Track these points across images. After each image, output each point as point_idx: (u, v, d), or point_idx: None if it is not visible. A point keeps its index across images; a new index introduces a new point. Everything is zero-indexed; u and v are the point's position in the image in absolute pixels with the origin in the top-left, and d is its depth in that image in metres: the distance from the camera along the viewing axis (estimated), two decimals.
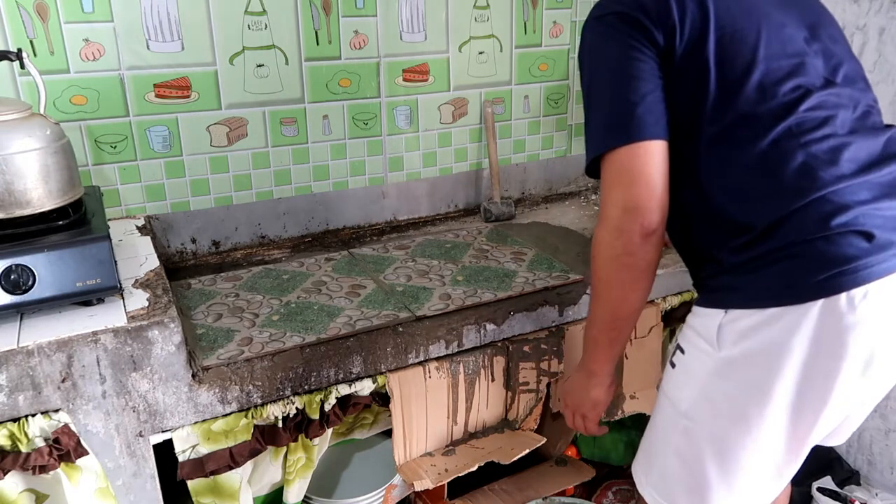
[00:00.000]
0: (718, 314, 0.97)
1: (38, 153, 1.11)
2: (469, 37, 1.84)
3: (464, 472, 1.38)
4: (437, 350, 1.36)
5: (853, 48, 1.37)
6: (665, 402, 1.08)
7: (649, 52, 0.98)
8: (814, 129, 0.94)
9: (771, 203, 0.93)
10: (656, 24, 0.97)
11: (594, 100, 1.04)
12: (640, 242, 0.98)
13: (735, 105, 0.96)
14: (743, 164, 0.96)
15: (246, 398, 1.20)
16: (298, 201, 1.77)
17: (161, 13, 1.48)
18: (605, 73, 1.02)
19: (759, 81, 0.96)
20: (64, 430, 1.06)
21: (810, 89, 0.97)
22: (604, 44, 1.02)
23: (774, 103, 0.95)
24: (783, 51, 0.98)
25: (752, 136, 0.95)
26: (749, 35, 0.98)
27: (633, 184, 0.97)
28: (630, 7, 0.99)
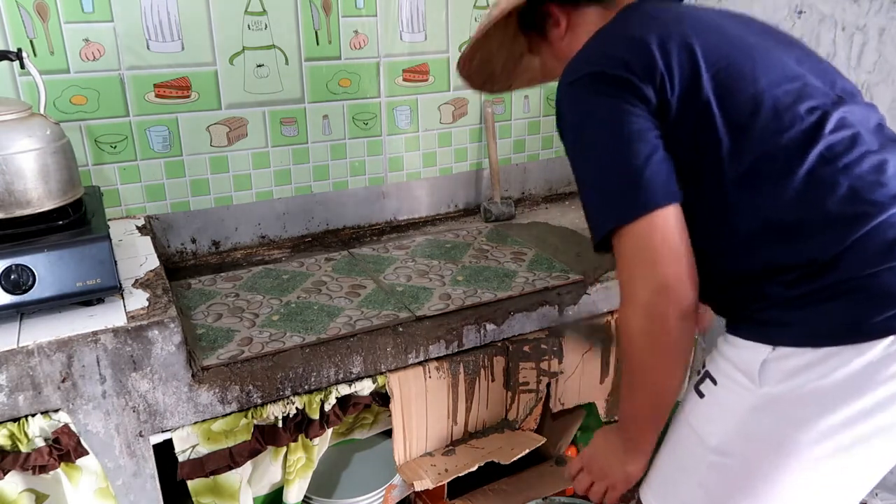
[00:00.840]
0: (763, 349, 0.88)
1: (38, 153, 1.11)
2: (469, 37, 1.84)
3: (464, 472, 1.38)
4: (437, 350, 1.36)
5: (853, 48, 1.37)
6: (689, 432, 0.99)
7: (641, 109, 0.89)
8: (847, 150, 0.86)
9: (824, 237, 0.84)
10: (642, 78, 0.89)
11: (590, 172, 0.94)
12: (677, 324, 0.89)
13: (752, 142, 0.88)
14: (781, 201, 0.86)
15: (246, 398, 1.20)
16: (298, 201, 1.77)
17: (161, 13, 1.48)
18: (598, 141, 0.92)
19: (772, 112, 0.88)
20: (64, 430, 1.06)
21: (826, 110, 0.89)
22: (589, 109, 0.93)
23: (795, 132, 0.87)
24: (783, 75, 0.91)
25: (782, 170, 0.87)
26: (744, 66, 0.91)
27: (659, 261, 0.87)
28: (610, 65, 0.91)
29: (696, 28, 0.94)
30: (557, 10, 1.07)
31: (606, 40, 0.97)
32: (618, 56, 0.91)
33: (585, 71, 0.93)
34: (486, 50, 1.20)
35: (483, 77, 1.28)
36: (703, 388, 0.97)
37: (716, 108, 0.89)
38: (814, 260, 0.84)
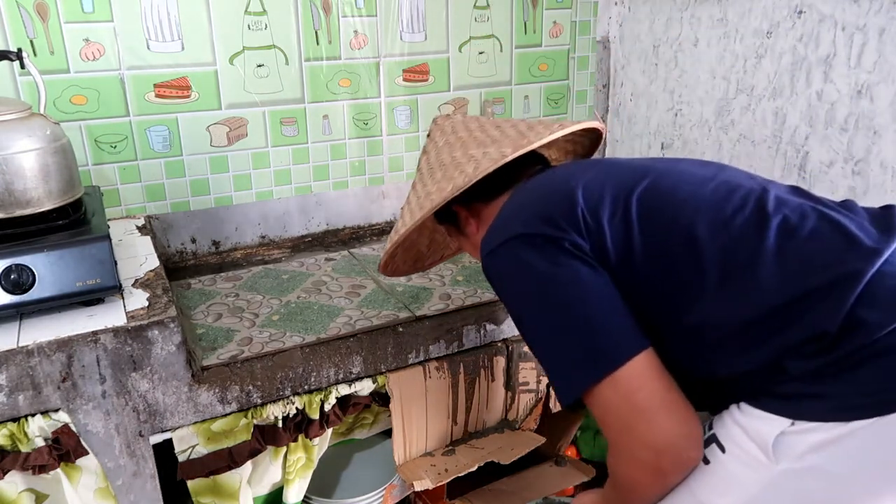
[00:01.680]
0: (781, 422, 0.79)
1: (37, 153, 1.11)
2: (469, 37, 1.84)
3: (464, 472, 1.37)
4: (437, 350, 1.36)
5: (853, 48, 1.37)
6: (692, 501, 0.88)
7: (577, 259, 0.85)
8: (801, 220, 0.82)
9: (826, 304, 0.77)
10: (565, 227, 0.86)
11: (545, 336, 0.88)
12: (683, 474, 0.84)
13: (705, 248, 0.83)
14: (763, 290, 0.80)
15: (246, 398, 1.20)
16: (298, 201, 1.77)
17: (161, 13, 1.48)
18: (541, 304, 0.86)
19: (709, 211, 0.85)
20: (64, 430, 1.06)
21: (759, 194, 0.86)
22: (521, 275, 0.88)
23: (741, 220, 0.83)
24: (702, 179, 0.89)
25: (749, 260, 0.81)
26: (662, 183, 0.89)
27: (648, 418, 0.80)
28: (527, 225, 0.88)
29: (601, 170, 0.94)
30: (465, 211, 1.11)
31: (515, 208, 0.96)
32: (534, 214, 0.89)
33: (506, 237, 0.90)
34: (406, 241, 1.20)
35: (411, 261, 1.31)
36: (707, 454, 0.86)
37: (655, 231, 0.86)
38: (825, 332, 0.77)
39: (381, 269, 1.26)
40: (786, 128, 1.54)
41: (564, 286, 0.84)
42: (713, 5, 1.66)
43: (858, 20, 1.35)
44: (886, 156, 1.35)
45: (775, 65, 1.54)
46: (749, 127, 1.63)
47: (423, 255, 1.34)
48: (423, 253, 1.33)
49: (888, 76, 1.32)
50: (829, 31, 1.41)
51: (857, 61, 1.37)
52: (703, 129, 1.76)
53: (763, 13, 1.54)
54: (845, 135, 1.42)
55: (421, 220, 1.07)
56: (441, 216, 1.16)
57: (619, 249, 0.86)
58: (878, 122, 1.35)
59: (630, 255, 0.86)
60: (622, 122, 2.04)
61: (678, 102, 1.82)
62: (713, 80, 1.70)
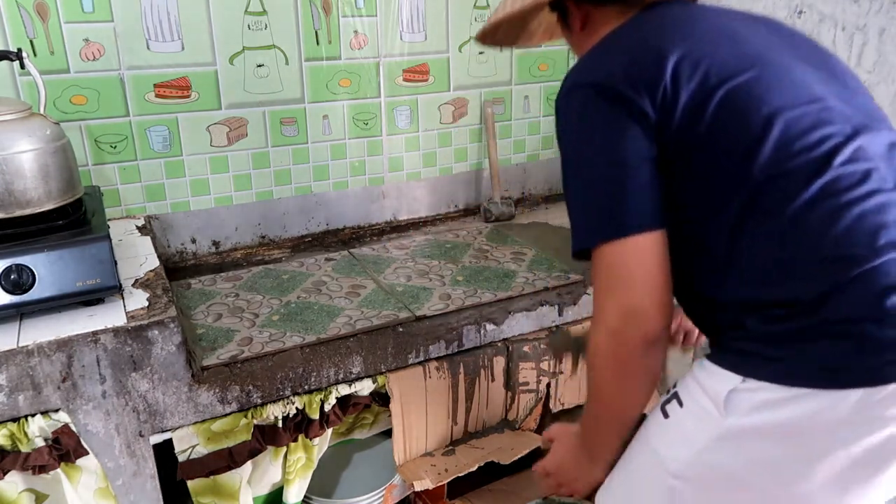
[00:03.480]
0: (734, 378, 0.84)
1: (37, 153, 1.11)
2: (469, 37, 1.84)
3: (464, 472, 1.37)
4: (437, 350, 1.36)
5: (853, 48, 1.37)
6: (650, 453, 0.95)
7: (638, 126, 0.85)
8: (855, 185, 0.80)
9: (812, 275, 0.80)
10: (643, 93, 0.84)
11: (578, 185, 0.91)
12: (643, 352, 0.87)
13: (756, 167, 0.82)
14: (775, 233, 0.82)
15: (246, 398, 1.20)
16: (298, 201, 1.77)
17: (161, 13, 1.48)
18: (590, 155, 0.88)
19: (781, 135, 0.82)
20: (64, 430, 1.06)
21: (842, 140, 0.82)
22: (585, 122, 0.89)
23: (802, 160, 0.81)
24: (801, 98, 0.85)
25: (781, 200, 0.81)
26: (758, 86, 0.84)
27: (631, 285, 0.85)
28: (611, 77, 0.87)
29: (712, 40, 0.89)
30: (574, 7, 1.05)
31: (613, 48, 0.93)
32: (621, 68, 0.87)
33: (587, 80, 0.89)
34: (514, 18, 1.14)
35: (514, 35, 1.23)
36: (668, 409, 0.93)
37: (721, 130, 0.84)
38: (797, 299, 0.80)
39: (480, 38, 1.18)
40: None
41: (614, 146, 0.86)
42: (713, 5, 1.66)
43: (858, 20, 1.35)
44: None
45: None
46: None
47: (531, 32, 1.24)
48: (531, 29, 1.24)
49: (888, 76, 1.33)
50: (829, 31, 1.41)
51: (857, 61, 1.37)
52: None
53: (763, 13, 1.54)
54: None
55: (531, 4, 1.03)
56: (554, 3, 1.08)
57: (680, 135, 0.85)
58: None
59: (687, 145, 0.86)
60: None
61: None
62: None
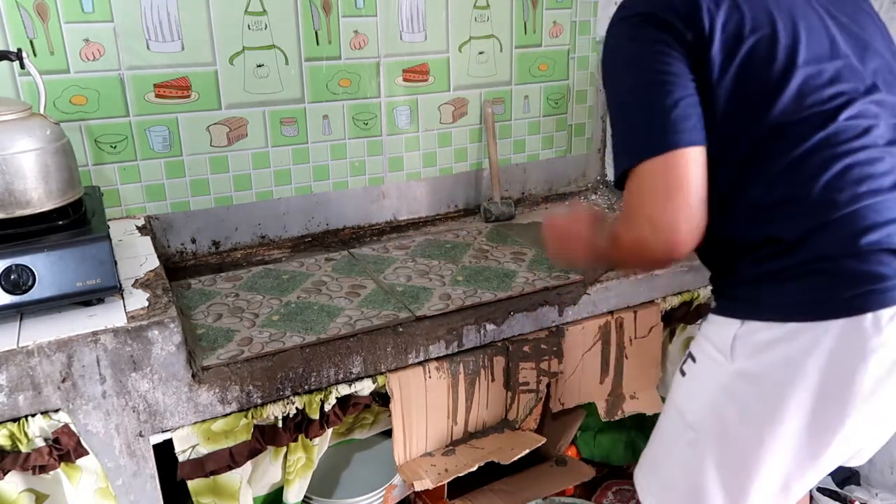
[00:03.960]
0: (734, 324, 0.92)
1: (38, 153, 1.11)
2: (469, 37, 1.84)
3: (464, 472, 1.38)
4: (437, 350, 1.36)
5: None
6: (672, 411, 1.04)
7: (679, 52, 0.91)
8: (853, 138, 0.88)
9: (799, 215, 0.88)
10: (686, 24, 0.91)
11: (622, 107, 0.97)
12: (661, 259, 0.93)
13: (771, 114, 0.90)
14: (774, 173, 0.90)
15: (246, 398, 1.20)
16: (298, 201, 1.77)
17: (161, 13, 1.48)
18: (633, 78, 0.95)
19: (799, 88, 0.90)
20: (64, 430, 1.06)
21: (853, 97, 0.90)
22: (630, 46, 0.96)
23: (813, 111, 0.89)
24: (824, 54, 0.92)
25: (787, 145, 0.89)
26: (787, 37, 0.91)
27: (669, 198, 0.89)
28: (657, 6, 0.93)
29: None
30: None
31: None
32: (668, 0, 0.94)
33: (634, 11, 0.96)
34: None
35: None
36: (685, 367, 1.02)
37: (745, 76, 0.90)
38: (781, 238, 0.88)
39: None
40: None
41: (658, 71, 0.91)
42: None
43: None
44: None
45: None
46: None
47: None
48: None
49: None
50: None
51: None
52: None
53: None
54: None
55: None
56: None
57: (711, 72, 0.91)
58: None
59: (716, 82, 0.91)
60: None
61: None
62: None
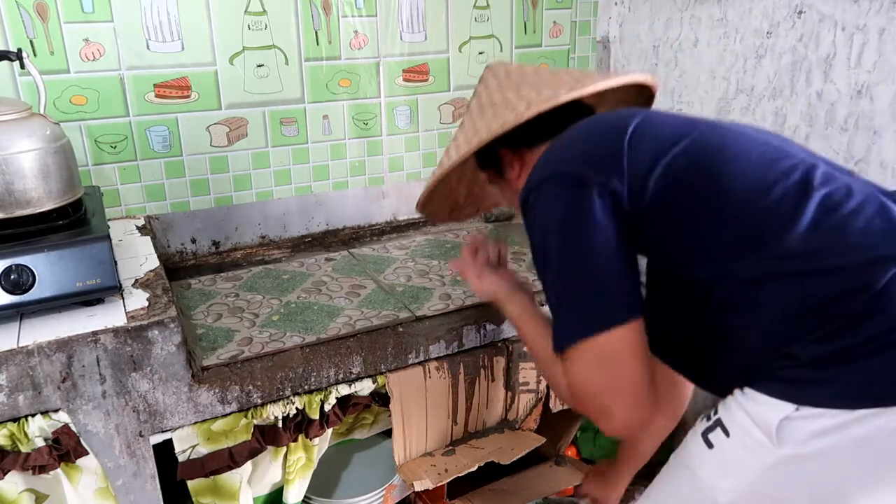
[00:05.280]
0: (786, 407, 0.79)
1: (37, 153, 1.11)
2: (469, 37, 1.84)
3: (464, 472, 1.37)
4: (437, 350, 1.36)
5: (853, 48, 1.37)
6: (697, 485, 0.90)
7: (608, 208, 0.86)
8: (846, 198, 0.80)
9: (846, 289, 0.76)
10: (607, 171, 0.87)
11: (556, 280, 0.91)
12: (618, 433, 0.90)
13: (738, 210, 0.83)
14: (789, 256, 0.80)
15: (246, 398, 1.20)
16: (298, 201, 1.77)
17: (161, 13, 1.48)
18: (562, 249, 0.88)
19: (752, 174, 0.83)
20: (64, 430, 1.06)
21: (808, 166, 0.84)
22: (553, 214, 0.90)
23: (782, 187, 0.82)
24: (754, 142, 0.88)
25: (782, 226, 0.80)
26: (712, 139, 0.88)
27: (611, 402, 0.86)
28: (571, 164, 0.89)
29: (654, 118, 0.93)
30: (510, 153, 1.09)
31: (565, 143, 0.96)
32: (578, 154, 0.90)
33: (546, 174, 0.91)
34: (445, 186, 1.21)
35: (447, 208, 1.30)
36: (712, 438, 0.88)
37: (692, 180, 0.85)
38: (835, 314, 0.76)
39: (419, 207, 1.23)
40: (786, 128, 1.54)
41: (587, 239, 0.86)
42: (713, 5, 1.66)
43: (858, 20, 1.35)
44: (886, 156, 1.35)
45: (775, 65, 1.54)
46: None
47: (459, 206, 1.31)
48: (459, 203, 1.30)
49: (888, 76, 1.32)
50: (829, 31, 1.41)
51: (857, 61, 1.37)
52: None
53: (763, 13, 1.54)
54: (845, 135, 1.42)
55: (467, 154, 1.04)
56: (484, 160, 1.14)
57: (655, 194, 0.86)
58: (878, 122, 1.35)
59: (663, 202, 0.86)
60: None
61: (678, 102, 1.82)
62: (713, 80, 1.70)
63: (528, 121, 1.00)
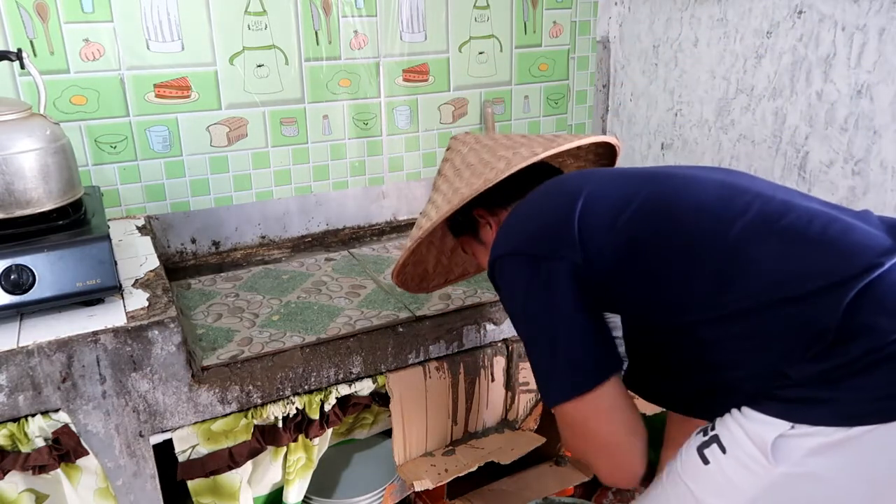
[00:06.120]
0: (781, 425, 0.79)
1: (37, 153, 1.11)
2: (469, 37, 1.84)
3: (464, 472, 1.37)
4: (437, 350, 1.36)
5: (853, 48, 1.37)
6: (689, 498, 0.89)
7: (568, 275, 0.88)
8: (807, 223, 0.82)
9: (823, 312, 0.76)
10: (561, 241, 0.89)
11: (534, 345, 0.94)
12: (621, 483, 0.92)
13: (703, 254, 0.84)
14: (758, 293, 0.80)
15: (246, 398, 1.20)
16: (298, 201, 1.77)
17: (161, 13, 1.48)
18: (533, 316, 0.92)
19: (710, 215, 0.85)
20: (64, 430, 1.06)
21: (766, 198, 0.86)
22: (515, 288, 0.94)
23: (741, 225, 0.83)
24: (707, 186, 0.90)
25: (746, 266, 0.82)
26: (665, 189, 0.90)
27: (597, 457, 0.90)
28: (525, 239, 0.93)
29: (605, 175, 0.96)
30: (486, 214, 1.12)
31: (521, 216, 0.99)
32: (533, 229, 0.94)
33: (504, 250, 0.95)
34: (416, 254, 1.24)
35: (417, 279, 1.33)
36: (708, 454, 0.87)
37: (652, 234, 0.87)
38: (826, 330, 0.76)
39: (394, 276, 1.25)
40: (786, 128, 1.54)
41: (543, 310, 0.90)
42: (713, 5, 1.66)
43: (858, 20, 1.35)
44: (886, 156, 1.35)
45: (775, 65, 1.54)
46: (749, 127, 1.63)
47: (428, 276, 1.34)
48: (428, 273, 1.34)
49: (888, 76, 1.32)
50: (829, 31, 1.41)
51: (857, 61, 1.37)
52: (702, 129, 1.76)
53: (763, 13, 1.54)
54: (845, 135, 1.42)
55: (447, 213, 1.07)
56: (458, 225, 1.17)
57: (616, 257, 0.88)
58: (878, 122, 1.35)
59: (627, 262, 0.88)
60: (622, 122, 2.04)
61: (678, 102, 1.82)
62: (713, 80, 1.70)
63: (503, 181, 1.04)
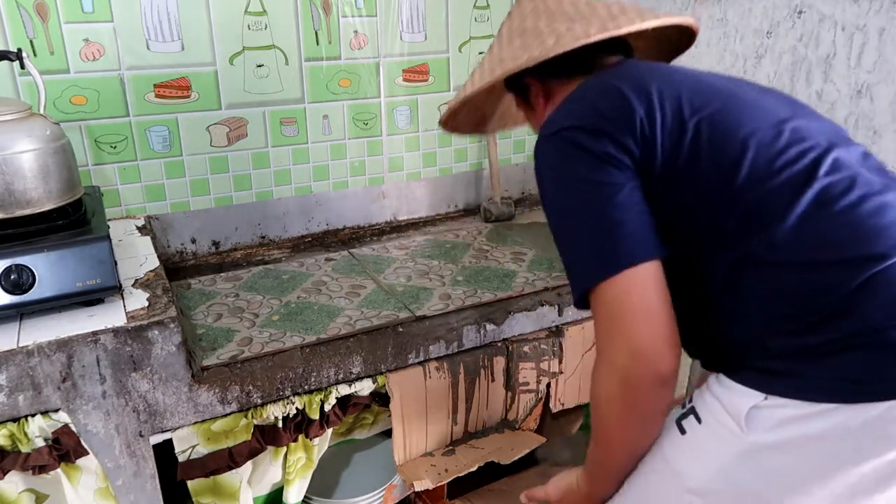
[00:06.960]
0: (755, 396, 0.82)
1: (38, 153, 1.11)
2: (469, 37, 1.84)
3: (464, 472, 1.38)
4: (437, 350, 1.36)
5: (853, 48, 1.37)
6: (666, 469, 0.92)
7: (619, 161, 0.86)
8: (844, 192, 0.80)
9: (822, 286, 0.78)
10: (620, 128, 0.86)
11: (567, 228, 0.90)
12: (652, 392, 0.85)
13: (741, 191, 0.83)
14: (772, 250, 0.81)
15: (246, 398, 1.20)
16: (298, 201, 1.77)
17: (161, 13, 1.48)
18: (574, 196, 0.88)
19: (761, 157, 0.83)
20: (64, 430, 1.06)
21: (820, 152, 0.83)
22: (565, 164, 0.90)
23: (787, 175, 0.82)
24: (772, 120, 0.87)
25: (773, 217, 0.81)
26: (729, 112, 0.87)
27: (635, 323, 0.83)
28: (586, 117, 0.89)
29: (676, 80, 0.92)
30: (537, 83, 1.07)
31: (583, 94, 0.95)
32: (594, 108, 0.90)
33: (561, 125, 0.91)
34: (471, 103, 1.18)
35: (473, 122, 1.27)
36: (685, 424, 0.90)
37: (702, 155, 0.85)
38: (811, 312, 0.78)
39: (443, 124, 1.21)
40: None
41: (598, 185, 0.86)
42: (713, 5, 1.66)
43: (858, 20, 1.35)
44: (886, 156, 1.35)
45: (775, 65, 1.54)
46: None
47: (486, 118, 1.28)
48: (487, 115, 1.27)
49: (888, 76, 1.32)
50: (829, 31, 1.41)
51: (857, 61, 1.37)
52: None
53: (763, 13, 1.54)
54: None
55: (488, 84, 1.03)
56: (512, 84, 1.12)
57: (665, 166, 0.86)
58: (878, 122, 1.35)
59: (673, 176, 0.86)
60: None
61: None
62: None
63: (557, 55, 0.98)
